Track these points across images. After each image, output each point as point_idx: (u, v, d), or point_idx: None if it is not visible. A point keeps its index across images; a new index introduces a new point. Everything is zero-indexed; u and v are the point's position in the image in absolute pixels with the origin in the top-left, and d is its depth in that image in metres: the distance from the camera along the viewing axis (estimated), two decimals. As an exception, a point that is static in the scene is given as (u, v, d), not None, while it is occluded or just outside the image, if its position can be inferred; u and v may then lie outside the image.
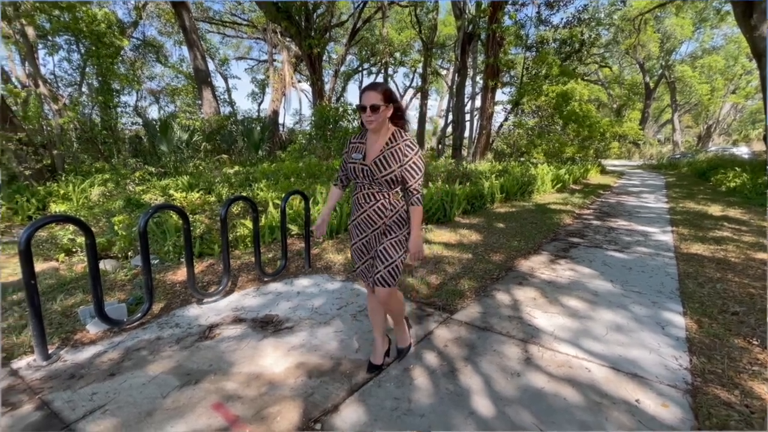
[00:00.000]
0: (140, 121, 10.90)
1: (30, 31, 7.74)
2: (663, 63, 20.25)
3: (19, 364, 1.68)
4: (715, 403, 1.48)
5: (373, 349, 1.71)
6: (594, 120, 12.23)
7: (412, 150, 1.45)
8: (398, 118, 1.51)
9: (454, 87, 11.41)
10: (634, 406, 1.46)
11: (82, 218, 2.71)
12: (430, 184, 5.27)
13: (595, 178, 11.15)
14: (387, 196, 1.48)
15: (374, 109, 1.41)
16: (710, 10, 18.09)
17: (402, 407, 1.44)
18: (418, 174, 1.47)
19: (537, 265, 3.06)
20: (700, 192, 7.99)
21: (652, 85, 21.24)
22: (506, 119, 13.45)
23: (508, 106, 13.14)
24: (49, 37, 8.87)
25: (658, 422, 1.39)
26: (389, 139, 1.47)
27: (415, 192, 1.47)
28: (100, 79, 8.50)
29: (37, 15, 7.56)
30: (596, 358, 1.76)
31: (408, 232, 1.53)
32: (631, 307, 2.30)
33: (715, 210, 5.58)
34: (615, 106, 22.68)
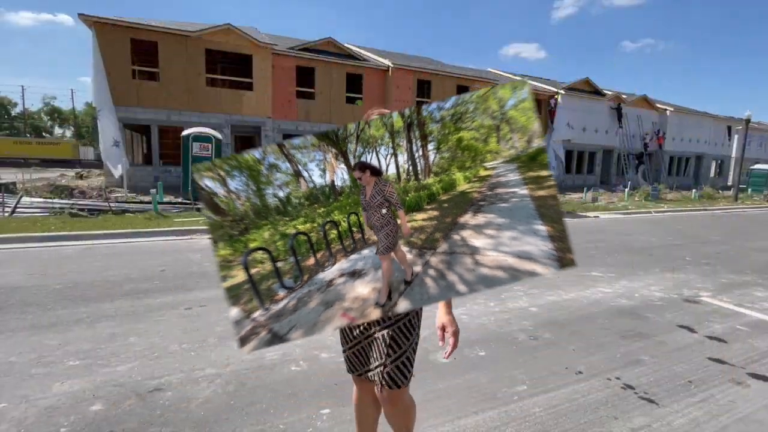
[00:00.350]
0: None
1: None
2: (502, 111, 19.42)
3: (255, 315, 1.72)
4: (569, 261, 1.41)
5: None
6: (475, 147, 11.92)
7: (387, 185, 1.42)
8: (374, 172, 1.47)
9: (407, 150, 11.29)
10: (532, 272, 1.41)
11: (264, 246, 2.77)
12: (409, 194, 5.21)
13: (483, 172, 10.80)
14: (379, 213, 1.45)
15: (359, 178, 1.40)
16: (519, 80, 17.25)
17: (425, 297, 1.43)
18: (395, 195, 1.44)
19: (467, 219, 2.96)
20: (535, 165, 7.68)
21: (499, 124, 20.43)
22: (435, 156, 13.21)
23: (435, 151, 12.89)
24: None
25: (545, 276, 1.34)
26: (374, 184, 1.45)
27: (397, 204, 1.45)
28: (254, 187, 8.68)
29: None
30: (509, 255, 1.69)
31: (392, 227, 1.48)
32: (517, 227, 2.23)
33: (544, 172, 5.34)
34: (485, 138, 21.96)
